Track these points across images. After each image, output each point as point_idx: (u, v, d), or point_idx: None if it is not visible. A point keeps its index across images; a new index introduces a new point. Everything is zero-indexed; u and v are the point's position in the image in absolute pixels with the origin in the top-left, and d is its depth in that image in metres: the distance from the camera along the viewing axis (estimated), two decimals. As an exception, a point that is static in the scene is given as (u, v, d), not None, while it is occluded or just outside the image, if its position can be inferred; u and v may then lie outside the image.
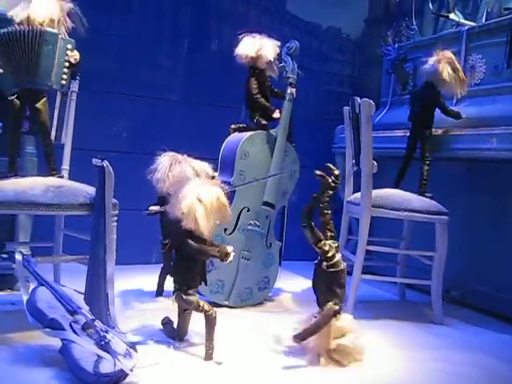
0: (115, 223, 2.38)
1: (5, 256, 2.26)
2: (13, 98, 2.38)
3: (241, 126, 3.12)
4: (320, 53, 4.66)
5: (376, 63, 4.24)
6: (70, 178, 2.66)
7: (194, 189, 2.15)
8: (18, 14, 2.40)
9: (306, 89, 4.16)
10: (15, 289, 2.75)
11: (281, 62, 3.15)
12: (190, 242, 2.19)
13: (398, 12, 4.18)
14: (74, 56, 2.43)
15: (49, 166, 2.50)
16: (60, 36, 2.40)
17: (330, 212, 2.31)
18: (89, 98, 2.93)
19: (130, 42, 3.84)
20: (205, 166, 2.37)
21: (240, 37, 3.05)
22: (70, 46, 2.43)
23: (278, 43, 3.08)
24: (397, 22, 3.88)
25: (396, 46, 3.75)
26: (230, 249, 2.23)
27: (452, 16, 3.59)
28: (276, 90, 3.17)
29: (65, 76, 2.43)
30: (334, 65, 4.78)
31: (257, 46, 3.02)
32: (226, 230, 2.93)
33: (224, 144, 3.10)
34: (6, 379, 1.88)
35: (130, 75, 3.80)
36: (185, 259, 2.25)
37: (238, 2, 4.31)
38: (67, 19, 2.47)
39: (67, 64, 2.43)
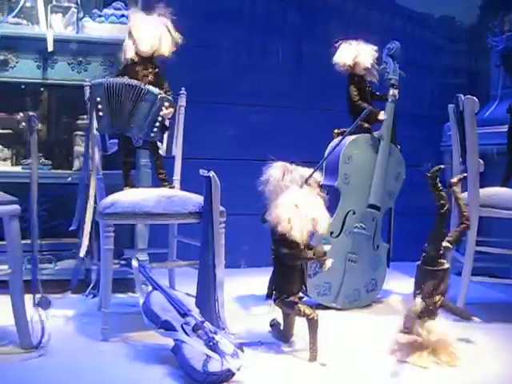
0: (223, 230, 2.51)
1: (123, 262, 2.46)
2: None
3: (344, 130, 3.13)
4: (431, 44, 4.52)
5: (488, 53, 4.07)
6: (182, 186, 2.83)
7: (293, 194, 2.19)
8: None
9: (413, 84, 4.05)
10: (135, 292, 2.97)
11: (382, 64, 3.14)
12: (282, 247, 2.22)
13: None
14: (169, 114, 2.64)
15: (160, 178, 2.72)
16: (160, 96, 2.60)
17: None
18: (199, 108, 3.07)
19: (237, 52, 3.99)
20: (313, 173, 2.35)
21: (336, 45, 3.07)
22: (167, 104, 2.62)
23: (375, 48, 3.07)
24: (504, 11, 3.70)
25: (504, 36, 3.57)
26: (327, 248, 2.24)
27: None
28: (378, 93, 3.17)
29: (155, 129, 2.64)
30: (445, 57, 4.60)
31: (353, 53, 3.02)
32: (332, 233, 2.96)
33: (328, 148, 3.13)
34: (127, 374, 2.07)
35: (237, 84, 3.93)
36: (282, 266, 2.29)
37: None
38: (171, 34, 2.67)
39: (160, 119, 2.62)
